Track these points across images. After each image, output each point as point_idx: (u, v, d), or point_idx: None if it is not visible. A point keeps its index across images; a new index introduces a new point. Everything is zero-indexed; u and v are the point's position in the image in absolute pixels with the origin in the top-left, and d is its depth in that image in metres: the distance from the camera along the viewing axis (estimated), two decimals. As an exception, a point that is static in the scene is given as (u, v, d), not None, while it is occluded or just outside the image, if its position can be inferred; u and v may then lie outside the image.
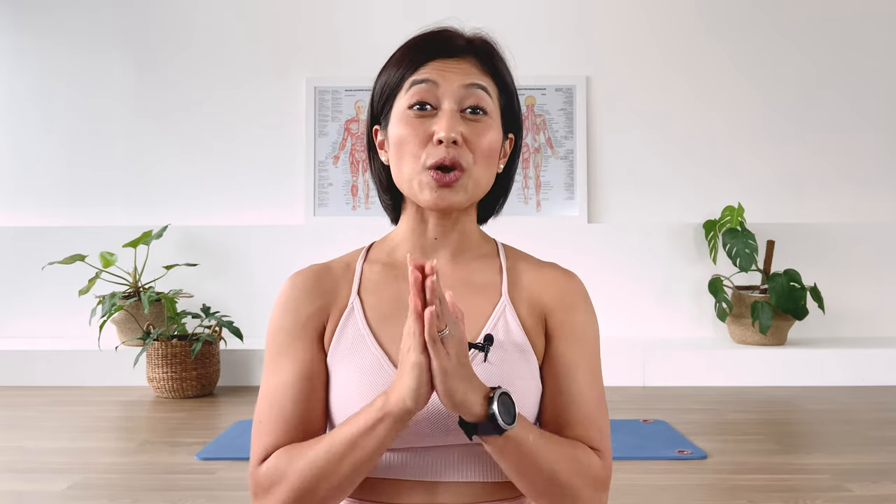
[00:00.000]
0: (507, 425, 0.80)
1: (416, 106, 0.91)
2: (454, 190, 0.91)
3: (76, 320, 3.94)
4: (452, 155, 0.89)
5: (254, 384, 3.70)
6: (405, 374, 0.79)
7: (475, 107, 0.91)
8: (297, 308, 0.95)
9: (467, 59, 0.93)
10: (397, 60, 0.94)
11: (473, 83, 0.91)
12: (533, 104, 4.29)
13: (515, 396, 0.87)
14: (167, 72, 4.34)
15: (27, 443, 2.69)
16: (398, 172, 0.94)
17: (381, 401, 0.82)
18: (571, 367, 0.94)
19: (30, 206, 4.33)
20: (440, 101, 0.91)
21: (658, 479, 2.28)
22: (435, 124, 0.90)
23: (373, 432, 0.82)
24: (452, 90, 0.91)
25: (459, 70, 0.92)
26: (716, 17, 4.30)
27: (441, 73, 0.91)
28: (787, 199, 4.26)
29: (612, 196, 4.28)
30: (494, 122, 0.93)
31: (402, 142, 0.91)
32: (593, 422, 0.93)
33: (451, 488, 0.90)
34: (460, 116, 0.91)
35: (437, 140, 0.89)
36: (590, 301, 1.00)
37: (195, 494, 2.14)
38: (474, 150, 0.91)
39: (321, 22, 4.33)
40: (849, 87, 4.27)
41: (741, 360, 3.70)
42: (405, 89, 0.92)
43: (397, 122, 0.92)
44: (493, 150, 0.93)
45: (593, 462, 0.90)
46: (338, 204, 4.27)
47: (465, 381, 0.79)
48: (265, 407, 0.92)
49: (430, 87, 0.90)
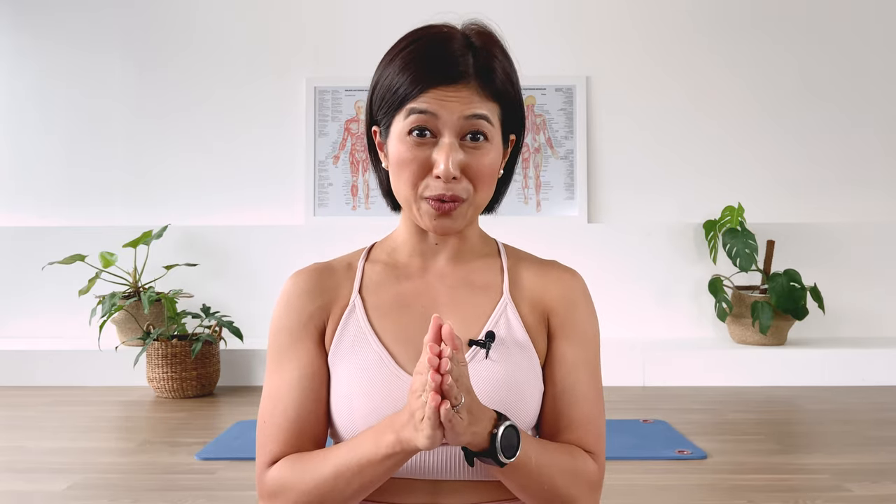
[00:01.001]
0: (508, 460, 0.82)
1: (415, 131, 0.89)
2: (453, 218, 0.91)
3: (76, 320, 3.94)
4: (451, 192, 0.89)
5: (254, 384, 3.70)
6: (418, 424, 0.78)
7: (476, 133, 0.90)
8: (298, 307, 0.96)
9: (469, 86, 0.90)
10: (399, 70, 0.91)
11: (474, 114, 0.89)
12: (533, 104, 4.29)
13: (518, 395, 0.89)
14: (167, 72, 4.34)
15: (27, 443, 2.69)
16: (398, 191, 0.94)
17: (391, 437, 0.82)
18: (573, 368, 0.95)
19: (30, 206, 4.33)
20: (440, 131, 0.89)
21: (658, 479, 2.28)
22: (434, 154, 0.89)
23: (381, 465, 0.84)
24: (452, 121, 0.89)
25: (460, 99, 0.89)
26: (715, 17, 4.30)
27: (441, 102, 0.88)
28: (787, 199, 4.26)
29: (612, 196, 4.28)
30: (494, 145, 0.92)
31: (401, 165, 0.91)
32: (592, 424, 0.94)
33: (453, 487, 0.91)
34: (459, 144, 0.90)
35: (435, 175, 0.89)
36: (591, 299, 1.00)
37: (195, 494, 2.14)
38: (473, 177, 0.90)
39: (321, 22, 4.33)
40: (849, 87, 4.27)
41: (741, 360, 3.70)
42: (404, 114, 0.90)
43: (397, 142, 0.91)
44: (493, 173, 0.93)
45: (589, 468, 0.92)
46: (338, 204, 4.27)
47: (472, 426, 0.80)
48: (269, 408, 0.94)
49: (429, 117, 0.89)
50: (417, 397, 0.78)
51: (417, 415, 0.78)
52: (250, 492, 2.15)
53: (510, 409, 0.89)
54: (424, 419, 0.76)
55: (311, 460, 0.89)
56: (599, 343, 0.98)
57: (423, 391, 0.77)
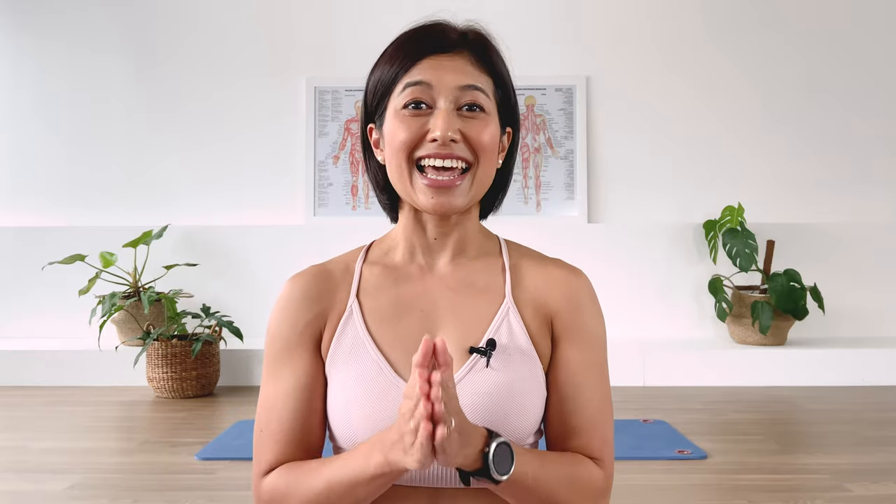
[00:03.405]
0: (501, 477, 0.80)
1: (410, 105, 0.88)
2: (453, 194, 0.89)
3: (76, 320, 3.94)
4: (449, 151, 0.87)
5: (254, 384, 3.70)
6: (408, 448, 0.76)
7: (472, 104, 0.89)
8: (295, 314, 0.94)
9: (461, 55, 0.90)
10: (390, 56, 0.91)
11: (469, 84, 0.89)
12: (533, 104, 4.29)
13: (519, 403, 0.87)
14: (167, 71, 4.33)
15: (27, 443, 2.69)
16: (393, 173, 0.91)
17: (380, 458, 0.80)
18: (578, 373, 0.92)
19: (30, 206, 4.33)
20: (435, 100, 0.88)
21: (658, 479, 2.28)
22: (430, 122, 0.88)
23: (371, 483, 0.83)
24: (448, 90, 0.88)
25: (454, 67, 0.88)
26: (716, 17, 4.29)
27: (435, 72, 0.88)
28: (787, 199, 4.26)
29: (612, 196, 4.28)
30: (492, 118, 0.91)
31: (396, 140, 0.89)
32: (597, 430, 0.92)
33: (453, 495, 0.89)
34: (457, 114, 0.88)
35: (431, 139, 0.87)
36: (597, 300, 0.97)
37: (195, 494, 2.14)
38: (475, 146, 0.89)
39: (321, 22, 4.33)
40: (849, 86, 4.27)
41: (741, 360, 3.70)
42: (399, 90, 0.89)
43: (392, 120, 0.90)
44: (493, 145, 0.91)
45: (593, 475, 0.90)
46: (338, 204, 4.27)
47: (463, 447, 0.78)
48: (265, 416, 0.93)
49: (424, 88, 0.88)
50: (407, 421, 0.75)
51: (407, 439, 0.75)
52: (250, 492, 2.15)
53: (511, 417, 0.88)
54: (416, 444, 0.74)
55: (306, 471, 0.88)
56: (606, 344, 0.95)
57: (413, 416, 0.75)
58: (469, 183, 0.90)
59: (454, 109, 0.88)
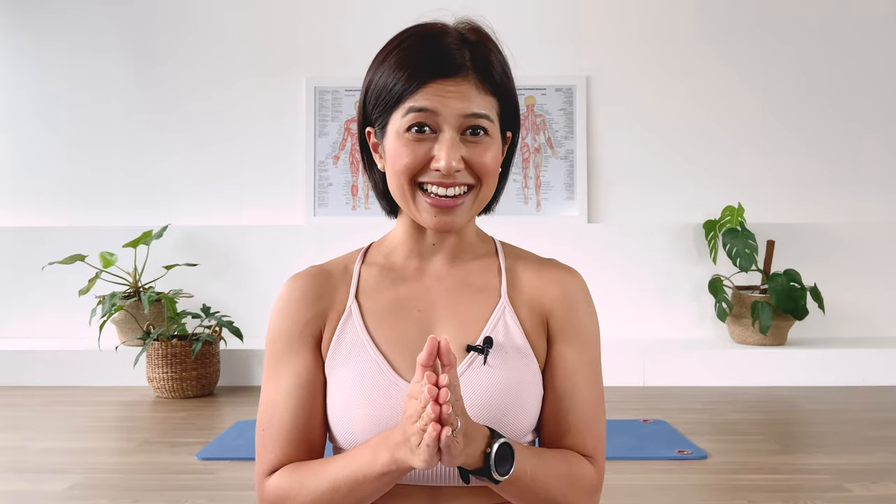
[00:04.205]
0: (502, 477, 0.82)
1: (414, 128, 0.88)
2: (455, 214, 0.90)
3: (76, 320, 3.94)
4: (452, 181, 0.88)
5: (254, 384, 3.70)
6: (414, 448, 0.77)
7: (475, 128, 0.89)
8: (294, 314, 0.95)
9: (468, 80, 0.88)
10: (393, 68, 0.89)
11: (474, 113, 0.88)
12: (533, 104, 4.29)
13: (516, 401, 0.88)
14: (167, 71, 4.33)
15: (27, 443, 2.70)
16: (395, 190, 0.92)
17: (386, 457, 0.81)
18: (573, 372, 0.94)
19: (30, 206, 4.33)
20: (440, 126, 0.88)
21: (658, 479, 2.28)
22: (435, 149, 0.88)
23: (377, 481, 0.84)
24: (453, 118, 0.87)
25: (459, 94, 0.87)
26: (716, 17, 4.29)
27: (440, 98, 0.87)
28: (787, 199, 4.26)
29: (612, 196, 4.28)
30: (495, 140, 0.91)
31: (399, 161, 0.89)
32: (591, 428, 0.93)
33: (453, 493, 0.90)
34: (460, 139, 0.88)
35: (435, 168, 0.87)
36: (591, 299, 0.99)
37: (195, 494, 2.14)
38: (477, 170, 0.89)
39: (321, 22, 4.33)
40: (849, 86, 4.27)
41: (741, 360, 3.70)
42: (402, 112, 0.88)
43: (394, 139, 0.89)
44: (495, 165, 0.91)
45: (587, 472, 0.92)
46: (338, 204, 4.27)
47: (467, 447, 0.79)
48: (266, 417, 0.94)
49: (429, 115, 0.87)
50: (413, 422, 0.76)
51: (413, 440, 0.76)
52: (250, 492, 2.15)
53: (508, 415, 0.89)
54: (423, 445, 0.75)
55: (310, 471, 0.89)
56: (600, 344, 0.97)
57: (419, 417, 0.75)
58: (471, 202, 0.91)
59: (458, 136, 0.88)
